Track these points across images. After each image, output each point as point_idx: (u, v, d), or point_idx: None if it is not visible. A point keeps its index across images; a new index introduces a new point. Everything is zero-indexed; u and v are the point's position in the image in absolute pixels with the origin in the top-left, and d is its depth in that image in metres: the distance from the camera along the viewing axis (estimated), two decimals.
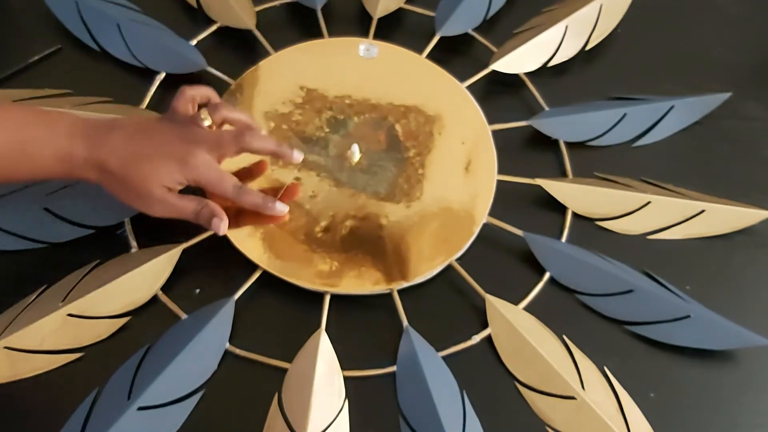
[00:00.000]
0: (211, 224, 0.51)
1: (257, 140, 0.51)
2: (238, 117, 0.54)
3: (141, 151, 0.48)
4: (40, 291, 0.52)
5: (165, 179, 0.48)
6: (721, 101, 0.65)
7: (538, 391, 0.50)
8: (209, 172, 0.49)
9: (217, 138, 0.50)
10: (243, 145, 0.51)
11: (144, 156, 0.48)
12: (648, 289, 0.54)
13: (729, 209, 0.58)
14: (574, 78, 0.68)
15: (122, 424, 0.46)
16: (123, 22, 0.63)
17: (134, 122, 0.50)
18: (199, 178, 0.49)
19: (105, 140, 0.48)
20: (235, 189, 0.51)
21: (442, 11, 0.68)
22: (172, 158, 0.48)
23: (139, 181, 0.48)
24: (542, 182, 0.59)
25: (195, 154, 0.49)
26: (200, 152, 0.49)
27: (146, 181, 0.48)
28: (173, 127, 0.50)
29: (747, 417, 0.51)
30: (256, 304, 0.53)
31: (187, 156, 0.49)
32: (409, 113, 0.62)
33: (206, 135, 0.50)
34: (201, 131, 0.50)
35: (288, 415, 0.47)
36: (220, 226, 0.51)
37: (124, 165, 0.48)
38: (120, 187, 0.49)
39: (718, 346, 0.53)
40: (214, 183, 0.50)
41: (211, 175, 0.49)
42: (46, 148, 0.48)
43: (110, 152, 0.48)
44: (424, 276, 0.54)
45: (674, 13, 0.73)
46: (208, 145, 0.49)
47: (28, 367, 0.49)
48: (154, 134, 0.50)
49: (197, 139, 0.50)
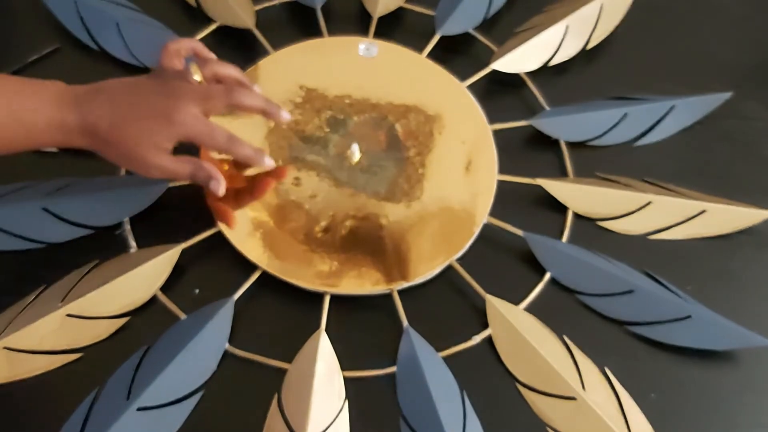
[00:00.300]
0: (209, 185, 0.50)
1: (247, 96, 0.50)
2: (230, 72, 0.52)
3: (127, 113, 0.47)
4: (39, 291, 0.52)
5: (154, 139, 0.47)
6: (721, 101, 0.65)
7: (538, 391, 0.50)
8: (198, 125, 0.48)
9: (205, 91, 0.49)
10: (233, 100, 0.49)
11: (130, 118, 0.47)
12: (648, 290, 0.54)
13: (730, 209, 0.58)
14: (575, 77, 0.67)
15: (121, 424, 0.46)
16: (122, 22, 0.63)
17: (121, 83, 0.49)
18: (188, 132, 0.47)
19: (93, 105, 0.47)
20: (227, 139, 0.49)
21: (443, 10, 0.68)
22: (158, 116, 0.47)
23: (130, 144, 0.47)
24: (543, 182, 0.59)
25: (180, 109, 0.47)
26: (186, 106, 0.47)
27: (136, 144, 0.47)
28: (159, 83, 0.49)
29: (747, 417, 0.51)
30: (255, 304, 0.53)
31: (173, 112, 0.47)
32: (409, 113, 0.62)
33: (193, 89, 0.48)
34: (187, 85, 0.49)
35: (288, 415, 0.47)
36: (219, 187, 0.50)
37: (113, 129, 0.47)
38: (113, 152, 0.48)
39: (718, 346, 0.53)
40: (204, 136, 0.48)
41: (200, 128, 0.48)
42: (39, 116, 0.46)
43: (99, 117, 0.47)
44: (424, 276, 0.54)
45: (675, 13, 0.73)
46: (194, 99, 0.48)
47: (27, 367, 0.49)
48: (140, 93, 0.48)
49: (183, 93, 0.48)
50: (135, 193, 0.55)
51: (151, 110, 0.47)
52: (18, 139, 0.47)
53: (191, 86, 0.49)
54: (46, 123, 0.47)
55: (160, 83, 0.49)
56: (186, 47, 0.53)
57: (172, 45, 0.52)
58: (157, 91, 0.48)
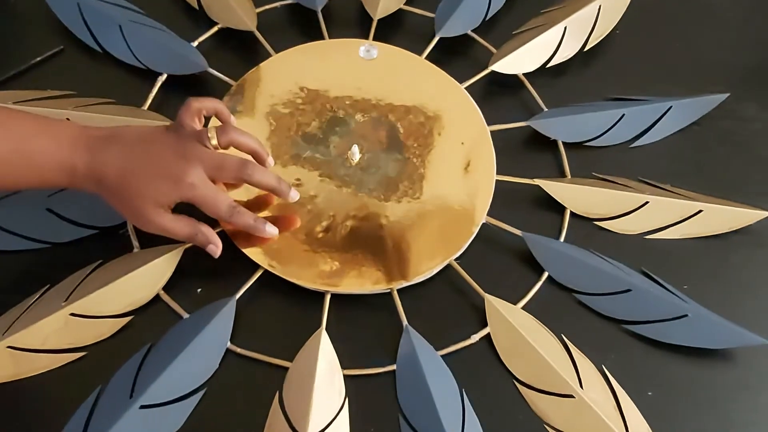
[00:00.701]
0: (206, 249, 0.51)
1: (260, 173, 0.50)
2: (247, 142, 0.52)
3: (137, 167, 0.48)
4: (43, 291, 0.52)
5: (158, 197, 0.48)
6: (718, 102, 0.65)
7: (536, 389, 0.51)
8: (204, 191, 0.48)
9: (219, 161, 0.49)
10: (245, 176, 0.50)
11: (139, 172, 0.47)
12: (646, 289, 0.54)
13: (726, 209, 0.59)
14: (573, 79, 0.68)
15: (124, 422, 0.46)
16: (125, 24, 0.64)
17: (136, 134, 0.49)
18: (194, 197, 0.48)
19: (105, 153, 0.48)
20: (229, 210, 0.50)
21: (442, 12, 0.69)
22: (166, 176, 0.47)
23: (132, 197, 0.48)
24: (541, 182, 0.59)
25: (190, 173, 0.47)
26: (196, 171, 0.48)
27: (139, 198, 0.48)
28: (174, 141, 0.49)
29: (743, 415, 0.52)
30: (257, 303, 0.53)
31: (182, 174, 0.47)
32: (408, 114, 0.62)
33: (207, 155, 0.49)
34: (202, 150, 0.49)
35: (289, 413, 0.48)
36: (216, 252, 0.51)
37: (120, 180, 0.47)
38: (116, 201, 0.49)
39: (715, 345, 0.53)
40: (208, 203, 0.49)
41: (206, 195, 0.48)
42: (51, 159, 0.47)
43: (108, 166, 0.47)
44: (423, 275, 0.55)
45: (672, 14, 0.74)
46: (206, 165, 0.48)
47: (30, 366, 0.49)
48: (153, 148, 0.48)
49: (196, 156, 0.48)
50: None
51: (162, 168, 0.48)
52: (26, 179, 0.48)
53: (206, 152, 0.49)
54: (56, 166, 0.47)
55: (175, 141, 0.49)
56: (209, 107, 0.53)
57: (195, 103, 0.51)
58: (172, 150, 0.48)
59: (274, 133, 0.60)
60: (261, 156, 0.53)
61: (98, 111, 0.59)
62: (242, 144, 0.52)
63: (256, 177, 0.50)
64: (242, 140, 0.52)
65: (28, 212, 0.54)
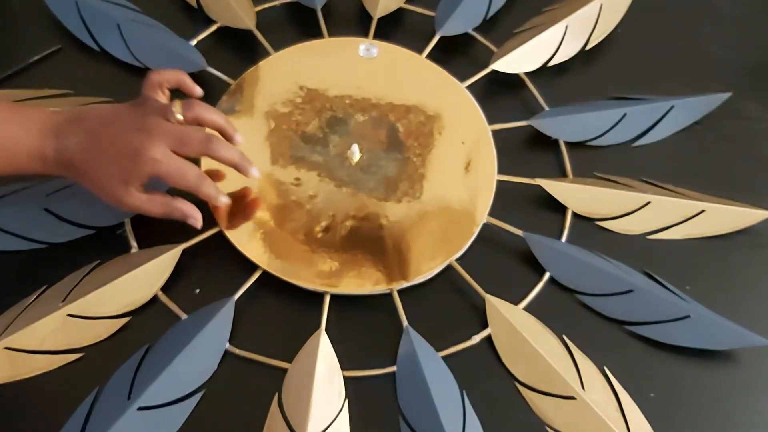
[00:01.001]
0: (187, 222, 0.50)
1: (224, 149, 0.49)
2: (213, 118, 0.51)
3: (100, 146, 0.47)
4: (41, 291, 0.52)
5: (123, 176, 0.47)
6: (720, 101, 0.65)
7: (538, 391, 0.50)
8: (168, 164, 0.47)
9: (182, 135, 0.48)
10: (210, 151, 0.49)
11: (103, 152, 0.47)
12: (648, 289, 0.54)
13: (729, 209, 0.59)
14: (574, 78, 0.68)
15: (122, 424, 0.46)
16: (123, 23, 0.63)
17: (101, 113, 0.49)
18: (159, 171, 0.47)
19: (70, 136, 0.47)
20: (197, 179, 0.49)
21: (442, 11, 0.68)
22: (128, 152, 0.46)
23: (101, 178, 0.47)
24: (542, 182, 0.59)
25: (151, 147, 0.46)
26: (158, 145, 0.47)
27: (106, 177, 0.47)
28: (136, 117, 0.48)
29: (746, 417, 0.51)
30: (256, 304, 0.53)
31: (143, 149, 0.46)
32: (409, 113, 0.62)
33: (170, 129, 0.48)
34: (165, 123, 0.48)
35: (288, 415, 0.47)
36: (197, 224, 0.51)
37: (86, 161, 0.47)
38: (88, 183, 0.48)
39: (717, 346, 0.53)
40: (174, 175, 0.47)
41: (170, 168, 0.47)
42: (22, 147, 0.47)
43: (74, 149, 0.47)
44: (424, 276, 0.54)
45: (674, 13, 0.73)
46: (169, 139, 0.47)
47: (28, 367, 0.49)
48: (115, 126, 0.47)
49: (158, 131, 0.47)
50: None
51: (123, 146, 0.47)
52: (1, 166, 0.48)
53: (169, 126, 0.48)
54: (27, 153, 0.47)
55: (138, 117, 0.48)
56: (170, 78, 0.52)
57: (155, 76, 0.51)
58: (133, 126, 0.47)
59: (274, 133, 0.60)
60: (228, 132, 0.52)
61: None
62: (208, 120, 0.51)
63: (221, 152, 0.49)
64: (208, 116, 0.51)
65: (25, 212, 0.54)
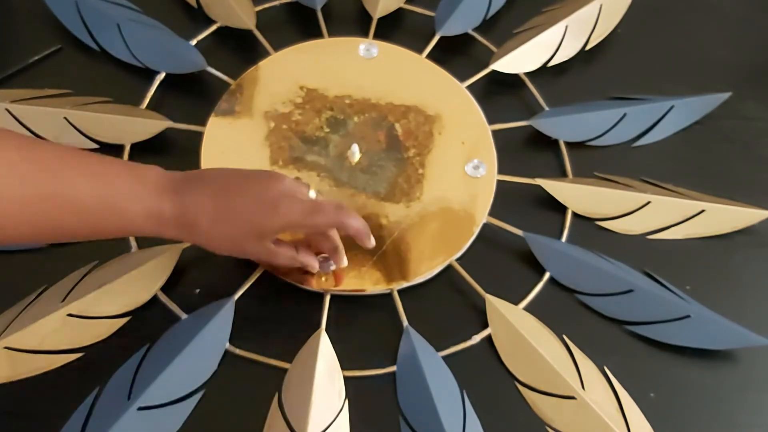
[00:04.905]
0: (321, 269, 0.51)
1: (355, 218, 0.48)
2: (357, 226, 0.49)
3: (229, 204, 0.45)
4: (40, 291, 0.52)
5: (258, 230, 0.46)
6: (720, 101, 0.65)
7: (538, 391, 0.50)
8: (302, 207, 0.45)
9: (316, 202, 0.47)
10: (342, 219, 0.47)
11: (234, 211, 0.45)
12: (648, 289, 0.54)
13: (729, 209, 0.58)
14: (574, 78, 0.68)
15: (122, 424, 0.46)
16: (123, 22, 0.63)
17: (223, 172, 0.47)
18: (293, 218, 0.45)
19: (194, 197, 0.45)
20: (337, 210, 0.47)
21: (442, 11, 0.68)
22: (263, 205, 0.45)
23: (234, 238, 0.46)
24: (542, 182, 0.59)
25: (286, 201, 0.45)
26: (293, 199, 0.46)
27: (241, 237, 0.46)
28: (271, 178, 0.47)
29: (746, 416, 0.51)
30: (256, 304, 0.53)
31: (278, 201, 0.45)
32: (409, 113, 0.62)
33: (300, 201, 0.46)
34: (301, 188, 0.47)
35: (288, 415, 0.47)
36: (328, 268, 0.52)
37: (216, 224, 0.45)
38: (211, 243, 0.47)
39: (718, 345, 0.53)
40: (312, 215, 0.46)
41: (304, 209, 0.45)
42: (136, 203, 0.43)
43: (199, 211, 0.45)
44: (424, 276, 0.54)
45: (674, 13, 0.73)
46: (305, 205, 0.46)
47: (28, 367, 0.49)
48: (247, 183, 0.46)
49: (294, 193, 0.46)
50: None
51: (257, 201, 0.45)
52: (108, 227, 0.44)
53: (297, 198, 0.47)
54: (143, 211, 0.44)
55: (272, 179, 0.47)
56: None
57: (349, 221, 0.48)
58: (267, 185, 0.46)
59: (273, 133, 0.60)
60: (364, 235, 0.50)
61: (96, 110, 0.58)
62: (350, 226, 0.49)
63: (353, 222, 0.47)
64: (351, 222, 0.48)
65: None
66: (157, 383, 0.47)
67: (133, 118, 0.59)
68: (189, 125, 0.60)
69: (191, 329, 0.50)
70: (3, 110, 0.57)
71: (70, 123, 0.58)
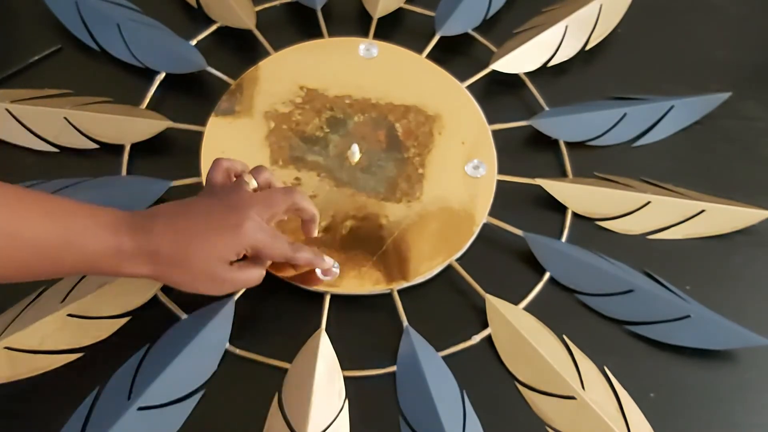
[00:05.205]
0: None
1: (306, 197, 0.50)
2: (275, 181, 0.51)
3: (191, 230, 0.45)
4: (40, 291, 0.52)
5: (223, 252, 0.46)
6: (721, 101, 0.65)
7: (538, 391, 0.50)
8: (264, 234, 0.47)
9: (267, 197, 0.48)
10: (295, 200, 0.49)
11: (196, 234, 0.45)
12: (648, 289, 0.54)
13: (729, 209, 0.58)
14: (574, 78, 0.68)
15: (122, 424, 0.46)
16: (123, 22, 0.63)
17: (174, 206, 0.47)
18: (256, 242, 0.46)
19: (150, 229, 0.45)
20: (292, 247, 0.49)
21: (442, 11, 0.68)
22: (225, 228, 0.46)
23: (197, 263, 0.45)
24: (542, 182, 0.59)
25: (247, 219, 0.46)
26: (252, 216, 0.46)
27: (205, 260, 0.45)
28: (218, 198, 0.48)
29: (746, 416, 0.51)
30: (256, 304, 0.53)
31: (240, 222, 0.46)
32: (409, 113, 0.62)
33: (255, 197, 0.48)
34: (248, 194, 0.48)
35: (288, 415, 0.47)
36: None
37: (178, 251, 0.45)
38: (179, 275, 0.46)
39: (717, 345, 0.53)
40: (269, 245, 0.47)
41: (266, 238, 0.47)
42: (92, 239, 0.43)
43: (160, 240, 0.44)
44: (424, 276, 0.54)
45: (674, 13, 0.73)
46: (259, 206, 0.47)
47: (28, 367, 0.49)
48: (199, 210, 0.47)
49: (246, 203, 0.47)
50: (136, 193, 0.55)
51: (218, 223, 0.46)
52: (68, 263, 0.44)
53: (253, 194, 0.48)
54: (97, 248, 0.43)
55: (219, 198, 0.48)
56: (236, 168, 0.51)
57: (225, 162, 0.50)
58: (220, 204, 0.47)
59: (273, 133, 0.60)
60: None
61: (96, 110, 0.59)
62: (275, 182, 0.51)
63: (305, 201, 0.50)
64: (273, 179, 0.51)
65: None
66: (157, 383, 0.47)
67: (133, 118, 0.59)
68: (189, 125, 0.60)
69: (191, 329, 0.50)
70: (3, 110, 0.57)
71: (70, 123, 0.58)
